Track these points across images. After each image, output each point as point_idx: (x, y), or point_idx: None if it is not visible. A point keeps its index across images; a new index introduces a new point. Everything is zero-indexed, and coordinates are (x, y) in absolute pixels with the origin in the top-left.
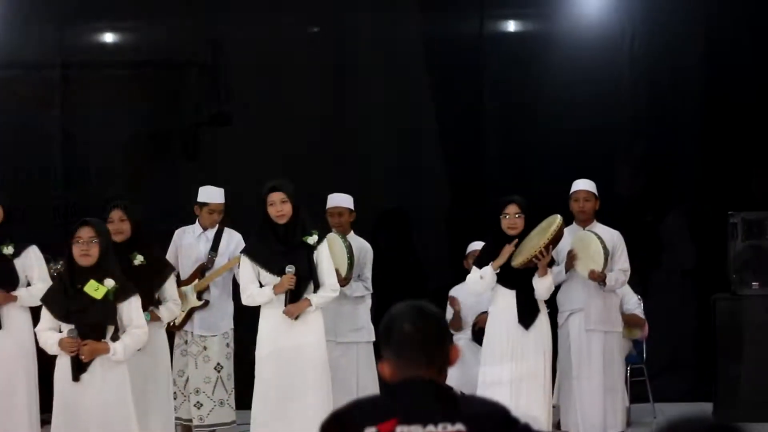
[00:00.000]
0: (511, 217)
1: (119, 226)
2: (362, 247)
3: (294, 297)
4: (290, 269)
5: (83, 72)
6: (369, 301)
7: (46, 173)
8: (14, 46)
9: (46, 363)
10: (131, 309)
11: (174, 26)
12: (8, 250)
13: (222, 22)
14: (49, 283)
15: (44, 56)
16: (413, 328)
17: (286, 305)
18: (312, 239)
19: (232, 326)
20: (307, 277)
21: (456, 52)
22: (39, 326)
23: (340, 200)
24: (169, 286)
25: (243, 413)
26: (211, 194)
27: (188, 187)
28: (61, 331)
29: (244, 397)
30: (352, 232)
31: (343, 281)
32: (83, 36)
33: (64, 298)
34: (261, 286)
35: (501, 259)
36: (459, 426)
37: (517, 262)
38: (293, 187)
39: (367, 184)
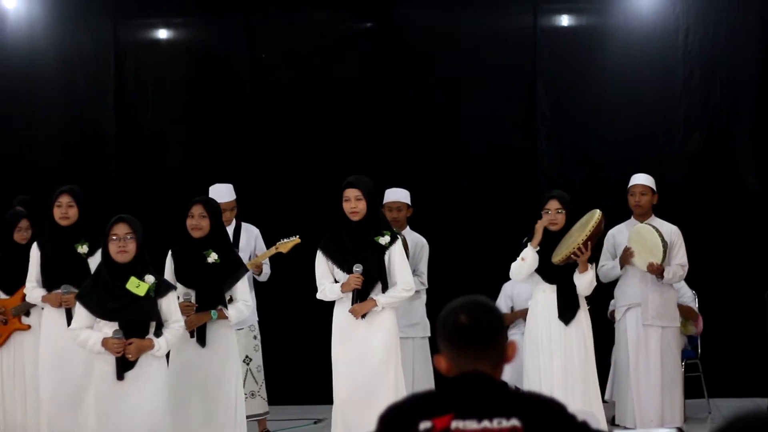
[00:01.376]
0: (552, 213)
1: (199, 222)
2: (418, 242)
3: (361, 296)
4: (358, 268)
5: (137, 68)
6: (424, 297)
7: (101, 169)
8: (70, 42)
9: None
10: (170, 304)
11: (226, 22)
12: (83, 248)
13: (272, 17)
14: None
15: (99, 52)
16: (469, 319)
17: (353, 304)
18: (384, 240)
19: (258, 319)
20: (375, 277)
21: (509, 47)
22: (73, 324)
23: (397, 195)
24: (241, 287)
25: (275, 408)
26: (219, 193)
27: (242, 181)
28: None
29: (276, 390)
30: (408, 227)
31: None
32: (138, 32)
33: (104, 296)
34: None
35: (536, 237)
36: (514, 421)
37: (557, 258)
38: (371, 185)
39: (422, 179)
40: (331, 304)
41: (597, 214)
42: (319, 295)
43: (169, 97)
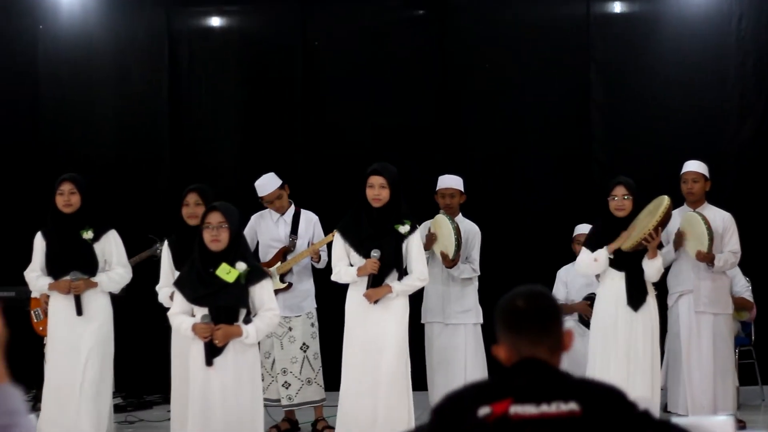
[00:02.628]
0: (619, 199)
1: (194, 210)
2: (470, 229)
3: (376, 282)
4: (375, 254)
5: (191, 56)
6: (476, 283)
7: (154, 158)
8: (123, 31)
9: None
10: (263, 292)
11: (279, 10)
12: (88, 234)
13: (325, 5)
14: (128, 267)
15: (153, 41)
16: (526, 303)
17: (367, 289)
18: (403, 228)
19: (315, 306)
20: (392, 264)
21: (563, 34)
22: (171, 310)
23: (450, 182)
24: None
25: (331, 394)
26: (260, 187)
27: (294, 169)
28: (194, 315)
29: (333, 377)
30: (460, 214)
31: (451, 263)
32: (191, 20)
33: (196, 282)
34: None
35: (616, 244)
36: (572, 405)
37: (626, 245)
38: (395, 173)
39: (475, 166)
40: None
41: (666, 200)
42: (333, 277)
43: (222, 85)
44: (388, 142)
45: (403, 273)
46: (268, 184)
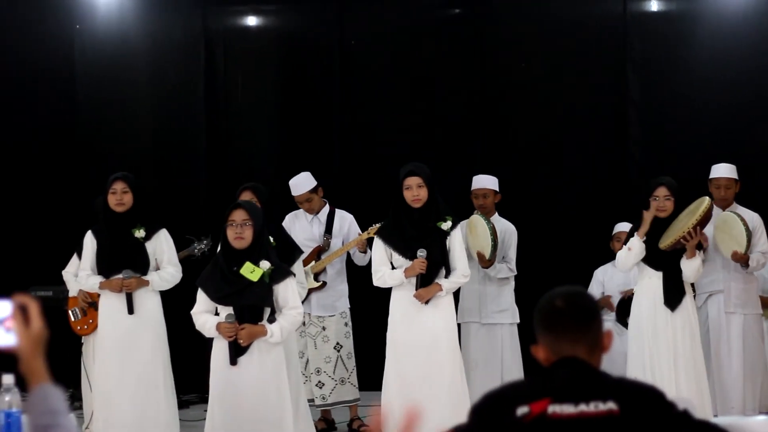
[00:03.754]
0: (661, 200)
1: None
2: (506, 228)
3: (425, 281)
4: (422, 253)
5: (227, 55)
6: (513, 283)
7: (191, 156)
8: (160, 30)
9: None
10: (287, 290)
11: (316, 9)
12: (140, 233)
13: (362, 3)
14: (178, 267)
15: (189, 40)
16: (564, 303)
17: (416, 289)
18: (446, 225)
19: (349, 306)
20: (439, 262)
21: (600, 33)
22: (195, 309)
23: (484, 182)
24: (297, 268)
25: (365, 394)
26: (294, 186)
27: (331, 167)
28: (217, 313)
29: (366, 377)
30: (496, 213)
31: (487, 263)
32: (227, 19)
33: (220, 281)
34: (393, 268)
35: (644, 227)
36: (611, 404)
37: (664, 243)
38: (429, 171)
39: (511, 165)
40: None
41: (706, 201)
42: (376, 282)
43: (259, 84)
44: (425, 141)
45: (449, 270)
46: (300, 184)
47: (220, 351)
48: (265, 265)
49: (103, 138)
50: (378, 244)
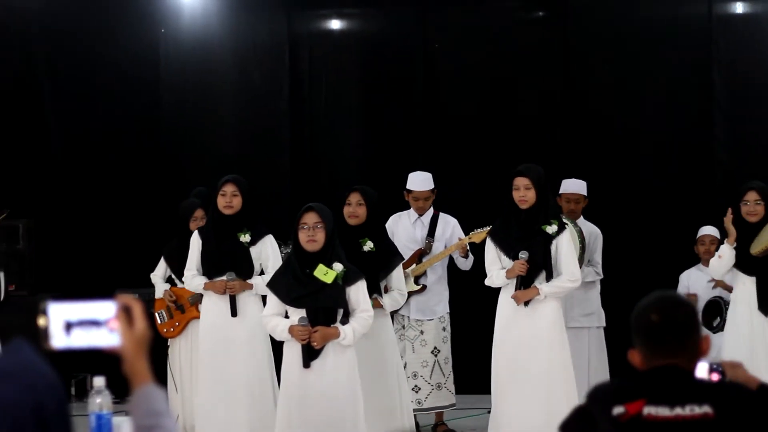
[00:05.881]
0: (752, 205)
1: (356, 210)
2: (592, 232)
3: (525, 283)
4: (523, 255)
5: (311, 59)
6: (599, 287)
7: (276, 161)
8: (244, 35)
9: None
10: (359, 293)
11: (399, 12)
12: (245, 238)
13: (445, 6)
14: None
15: (273, 45)
16: (661, 317)
17: (516, 290)
18: (551, 229)
19: (448, 310)
20: (540, 265)
21: (685, 35)
22: (265, 311)
23: (574, 186)
24: (397, 275)
25: (462, 397)
26: (415, 181)
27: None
28: (287, 316)
29: (464, 381)
30: (582, 217)
31: None
32: (311, 23)
33: (293, 283)
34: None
35: (731, 235)
36: (706, 408)
37: (756, 250)
38: (541, 173)
39: (597, 167)
40: None
41: None
42: (487, 281)
43: (343, 87)
44: (510, 144)
45: (551, 274)
46: (427, 180)
47: (292, 354)
48: (338, 267)
49: (187, 142)
50: (489, 244)
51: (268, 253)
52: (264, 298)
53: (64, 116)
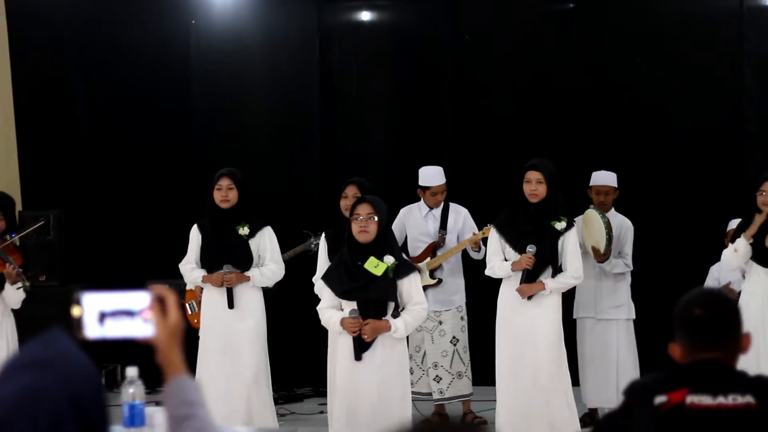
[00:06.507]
0: (767, 195)
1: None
2: (623, 224)
3: (530, 277)
4: (531, 249)
5: (342, 51)
6: (629, 279)
7: (306, 153)
8: (275, 27)
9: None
10: (411, 286)
11: (430, 4)
12: (243, 230)
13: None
14: (281, 264)
15: (304, 37)
16: (704, 312)
17: (521, 283)
18: (560, 225)
19: (465, 300)
20: (547, 260)
21: (715, 27)
22: (321, 304)
23: (606, 178)
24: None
25: (479, 389)
26: (434, 176)
27: (446, 163)
28: (341, 309)
29: (481, 372)
30: (613, 209)
31: (602, 257)
32: (342, 15)
33: (344, 276)
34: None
35: (752, 229)
36: (749, 398)
37: None
38: (554, 169)
39: (627, 160)
40: None
41: None
42: (487, 272)
43: (373, 79)
44: (540, 136)
45: (557, 270)
46: (439, 175)
47: (343, 346)
48: (390, 259)
49: (218, 133)
50: (493, 234)
51: (266, 245)
52: (263, 290)
53: (94, 108)
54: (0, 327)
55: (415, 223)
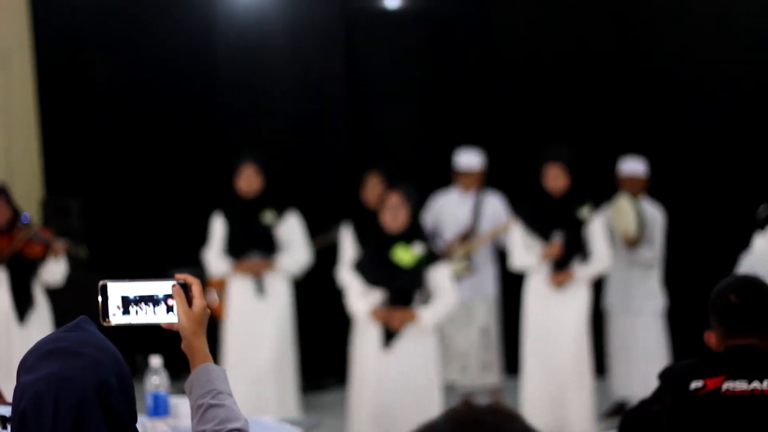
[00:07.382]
0: None
1: (375, 191)
2: (654, 214)
3: (559, 266)
4: (558, 239)
5: (368, 38)
6: (659, 269)
7: (331, 140)
8: (300, 13)
9: (300, 331)
10: (440, 275)
11: None
12: (269, 217)
13: None
14: (309, 250)
15: (329, 23)
16: (739, 299)
17: (551, 273)
18: (584, 213)
19: (496, 290)
20: (574, 249)
21: (750, 10)
22: (348, 293)
23: (634, 166)
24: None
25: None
26: (473, 160)
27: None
28: (369, 298)
29: (512, 362)
30: (644, 196)
31: (632, 241)
32: (367, 1)
33: (373, 265)
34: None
35: None
36: None
37: None
38: (571, 156)
39: (660, 147)
40: None
41: None
42: (515, 263)
43: (398, 67)
44: (567, 124)
45: (585, 258)
46: (474, 161)
47: (370, 335)
48: (419, 249)
49: (242, 120)
50: (516, 225)
51: (294, 230)
52: (290, 278)
53: (116, 94)
54: (38, 312)
55: (449, 209)
